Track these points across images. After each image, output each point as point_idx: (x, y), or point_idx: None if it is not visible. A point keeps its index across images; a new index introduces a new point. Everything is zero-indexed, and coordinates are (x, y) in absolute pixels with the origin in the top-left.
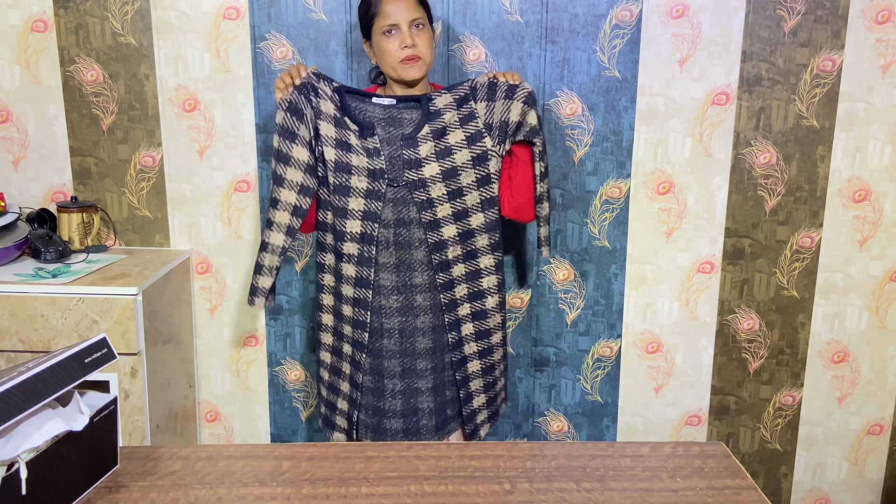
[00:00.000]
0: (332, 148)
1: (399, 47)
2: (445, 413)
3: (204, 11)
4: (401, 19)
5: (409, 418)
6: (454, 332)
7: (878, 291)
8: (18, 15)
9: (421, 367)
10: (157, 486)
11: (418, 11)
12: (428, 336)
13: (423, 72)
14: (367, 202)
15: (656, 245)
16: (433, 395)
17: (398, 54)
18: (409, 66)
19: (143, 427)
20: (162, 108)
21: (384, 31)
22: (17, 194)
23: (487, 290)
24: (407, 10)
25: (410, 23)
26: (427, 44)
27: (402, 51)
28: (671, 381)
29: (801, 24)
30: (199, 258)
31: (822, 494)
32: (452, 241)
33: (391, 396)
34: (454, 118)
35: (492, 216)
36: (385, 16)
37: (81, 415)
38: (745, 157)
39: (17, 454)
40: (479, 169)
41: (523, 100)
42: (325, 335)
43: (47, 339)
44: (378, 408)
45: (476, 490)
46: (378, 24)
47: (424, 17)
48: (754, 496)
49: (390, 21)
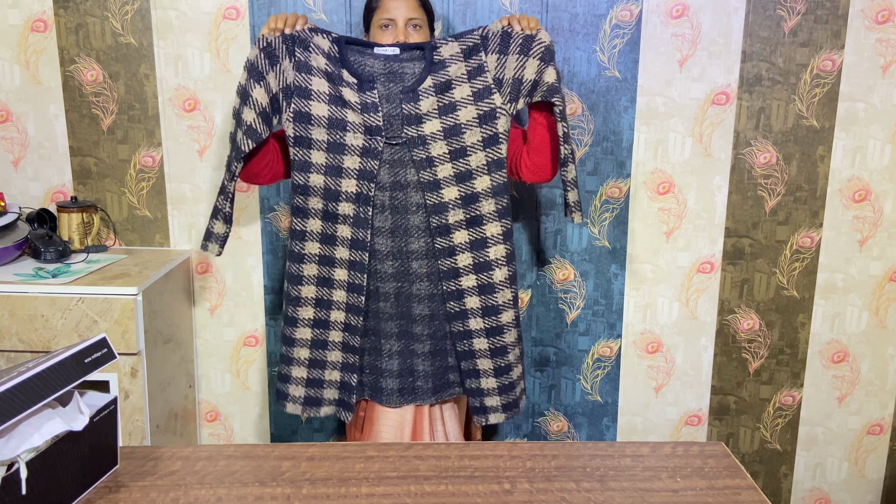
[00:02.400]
0: (326, 104)
1: (391, 40)
2: (446, 377)
3: (204, 11)
4: (398, 16)
5: (405, 378)
6: (455, 303)
7: (878, 291)
8: (18, 15)
9: (417, 331)
10: (157, 486)
11: (418, 12)
12: (424, 303)
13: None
14: (363, 160)
15: (656, 245)
16: (431, 359)
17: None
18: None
19: (143, 427)
20: (162, 108)
21: (381, 24)
22: (17, 194)
23: (495, 262)
24: (406, 7)
25: (407, 21)
26: (422, 41)
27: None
28: (671, 381)
29: (801, 24)
30: (199, 258)
31: (822, 494)
32: (454, 205)
33: (388, 356)
34: (461, 70)
35: (499, 179)
36: (384, 10)
37: (81, 415)
38: (745, 157)
39: (17, 454)
40: (485, 128)
41: (540, 56)
42: (304, 309)
43: (47, 339)
44: (375, 366)
45: (476, 490)
46: (377, 17)
47: (423, 20)
48: (754, 496)
49: (388, 16)
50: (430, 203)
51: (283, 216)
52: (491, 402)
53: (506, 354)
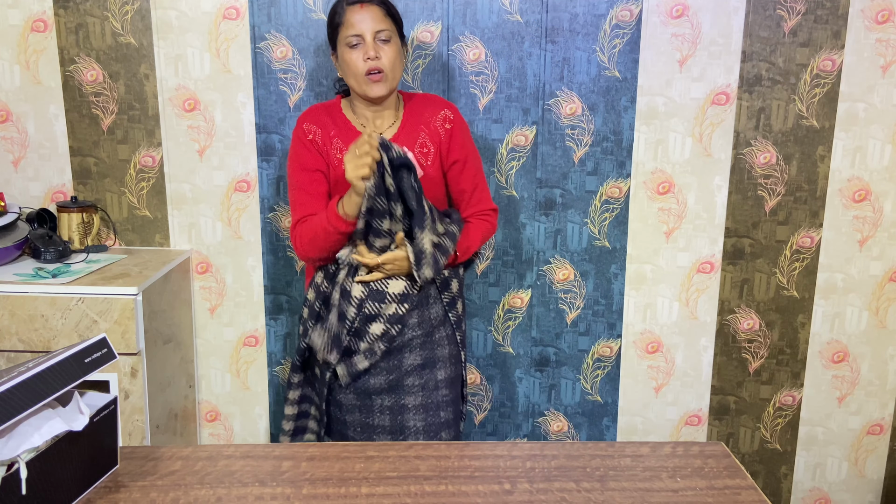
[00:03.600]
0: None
1: (363, 59)
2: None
3: (204, 11)
4: (364, 29)
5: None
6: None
7: (878, 291)
8: (18, 15)
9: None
10: (157, 486)
11: (384, 23)
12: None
13: (388, 89)
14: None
15: (656, 245)
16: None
17: (362, 67)
18: (374, 82)
19: (143, 427)
20: (162, 108)
21: (348, 43)
22: (17, 194)
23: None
24: (372, 20)
25: (375, 34)
26: (392, 59)
27: (366, 63)
28: (671, 381)
29: (801, 24)
30: (199, 258)
31: (822, 494)
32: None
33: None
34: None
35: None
36: (349, 25)
37: (81, 415)
38: (745, 157)
39: (17, 454)
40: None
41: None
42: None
43: (47, 339)
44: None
45: (476, 490)
46: (342, 33)
47: (392, 31)
48: (754, 496)
49: (354, 31)
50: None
51: (283, 216)
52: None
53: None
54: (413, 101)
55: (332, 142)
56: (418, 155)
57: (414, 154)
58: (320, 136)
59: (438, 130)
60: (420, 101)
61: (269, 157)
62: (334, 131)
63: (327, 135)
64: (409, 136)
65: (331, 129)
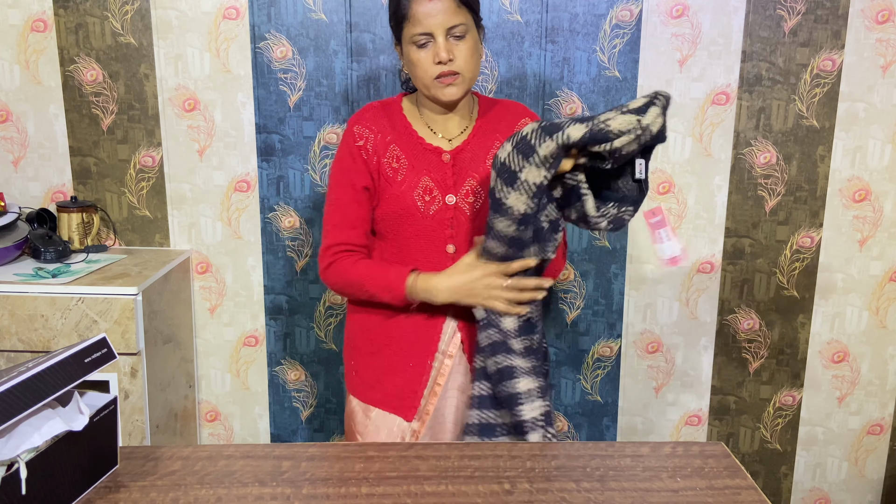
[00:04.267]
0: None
1: (433, 62)
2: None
3: (204, 11)
4: (434, 26)
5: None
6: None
7: (878, 291)
8: (18, 15)
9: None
10: (157, 486)
11: (459, 16)
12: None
13: (463, 91)
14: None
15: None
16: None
17: (431, 70)
18: (446, 85)
19: (143, 427)
20: (162, 107)
21: (416, 42)
22: (17, 194)
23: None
24: (443, 13)
25: (448, 31)
26: (469, 56)
27: (436, 66)
28: (671, 381)
29: (801, 23)
30: (199, 258)
31: (822, 494)
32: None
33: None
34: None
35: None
36: (415, 21)
37: (81, 415)
38: (745, 157)
39: (16, 454)
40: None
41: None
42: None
43: (47, 339)
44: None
45: (476, 490)
46: (408, 30)
47: (468, 22)
48: (754, 496)
49: (422, 29)
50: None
51: (283, 216)
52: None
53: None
54: (487, 105)
55: (387, 149)
56: (489, 167)
57: (485, 167)
58: (373, 143)
59: None
60: (499, 109)
61: (269, 157)
62: (391, 136)
63: (383, 140)
64: (480, 146)
65: (388, 134)
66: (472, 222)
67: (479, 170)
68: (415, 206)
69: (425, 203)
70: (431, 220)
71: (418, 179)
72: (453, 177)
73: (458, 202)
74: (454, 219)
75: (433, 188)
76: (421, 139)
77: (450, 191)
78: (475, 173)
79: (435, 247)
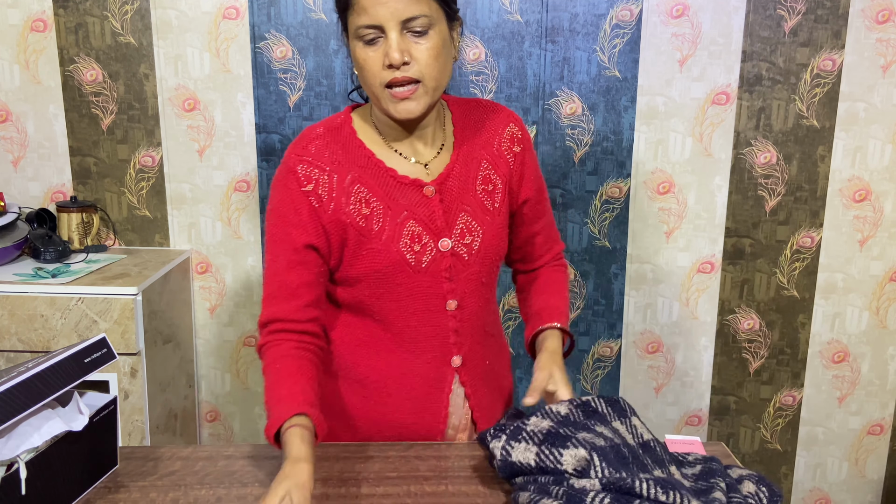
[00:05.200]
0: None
1: (383, 64)
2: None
3: (204, 11)
4: (384, 17)
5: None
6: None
7: (878, 291)
8: (18, 14)
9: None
10: (156, 486)
11: (419, 5)
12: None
13: (425, 106)
14: None
15: (656, 245)
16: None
17: (381, 76)
18: (400, 99)
19: (143, 427)
20: (162, 107)
21: (359, 34)
22: (17, 194)
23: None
24: (397, 1)
25: (403, 24)
26: (432, 58)
27: (387, 71)
28: (671, 381)
29: (801, 23)
30: (198, 258)
31: (822, 494)
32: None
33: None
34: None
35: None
36: (360, 9)
37: (81, 415)
38: (745, 157)
39: (16, 454)
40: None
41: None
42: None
43: (47, 339)
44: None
45: (476, 490)
46: (353, 20)
47: (432, 14)
48: None
49: (368, 20)
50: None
51: None
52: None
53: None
54: (462, 111)
55: (350, 191)
56: (481, 196)
57: (476, 196)
58: (327, 186)
59: (506, 155)
60: (474, 112)
61: (269, 157)
62: (352, 172)
63: (341, 181)
64: (465, 168)
65: (346, 170)
66: (470, 268)
67: (470, 200)
68: (404, 261)
69: (415, 254)
70: (426, 274)
71: (401, 225)
72: (444, 215)
73: (454, 247)
74: (452, 268)
75: (421, 233)
76: (391, 170)
77: (442, 234)
78: (466, 205)
79: (432, 306)
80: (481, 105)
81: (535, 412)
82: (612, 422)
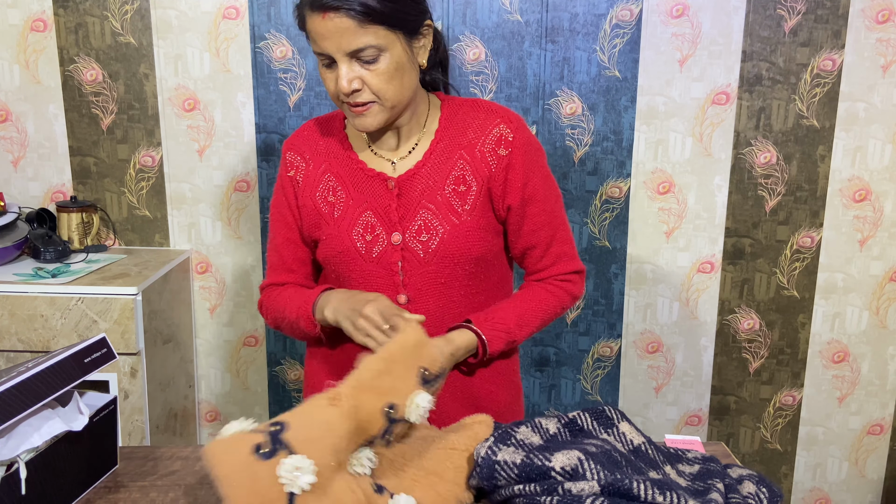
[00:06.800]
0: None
1: (336, 84)
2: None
3: (204, 11)
4: (332, 49)
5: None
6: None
7: (878, 291)
8: (18, 14)
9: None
10: (156, 486)
11: (364, 36)
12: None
13: (383, 120)
14: None
15: (656, 245)
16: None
17: (339, 94)
18: (358, 114)
19: (143, 427)
20: (161, 107)
21: (320, 60)
22: (17, 194)
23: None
24: (341, 35)
25: (351, 55)
26: (386, 81)
27: (342, 90)
28: (671, 381)
29: (801, 23)
30: (198, 258)
31: (822, 494)
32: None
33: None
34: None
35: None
36: (312, 39)
37: (81, 415)
38: (745, 157)
39: (16, 454)
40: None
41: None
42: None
43: (47, 339)
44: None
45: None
46: (312, 44)
47: (381, 43)
48: None
49: (318, 49)
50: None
51: None
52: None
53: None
54: (452, 111)
55: (320, 180)
56: (449, 196)
57: (443, 196)
58: (304, 173)
59: (487, 157)
60: (466, 113)
61: (269, 157)
62: (326, 162)
63: (315, 170)
64: (435, 169)
65: (322, 160)
66: (426, 266)
67: (434, 199)
68: (354, 248)
69: (366, 243)
70: (376, 264)
71: (358, 215)
72: (398, 210)
73: (405, 241)
74: (403, 262)
75: (375, 225)
76: (362, 163)
77: (395, 228)
78: (429, 204)
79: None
80: (476, 106)
81: (524, 423)
82: (600, 434)
